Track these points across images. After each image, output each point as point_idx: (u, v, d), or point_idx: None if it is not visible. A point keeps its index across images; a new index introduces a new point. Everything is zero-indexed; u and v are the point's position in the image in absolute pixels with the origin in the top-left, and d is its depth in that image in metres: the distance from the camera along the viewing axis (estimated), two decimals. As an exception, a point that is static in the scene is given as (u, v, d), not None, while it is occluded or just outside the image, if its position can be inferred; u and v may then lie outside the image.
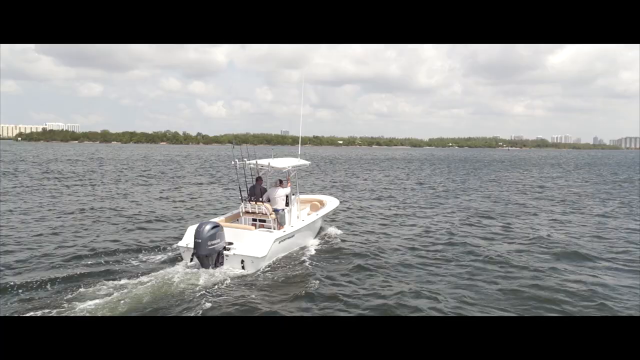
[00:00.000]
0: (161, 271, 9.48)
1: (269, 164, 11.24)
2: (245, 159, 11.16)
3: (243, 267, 9.78)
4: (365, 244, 12.74)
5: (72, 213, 16.83)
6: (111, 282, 8.78)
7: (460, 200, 23.15)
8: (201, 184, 30.97)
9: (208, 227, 9.61)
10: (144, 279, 8.95)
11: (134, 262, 10.25)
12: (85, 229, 13.96)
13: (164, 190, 26.22)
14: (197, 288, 8.60)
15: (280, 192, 11.39)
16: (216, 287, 8.68)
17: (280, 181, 11.85)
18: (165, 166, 50.82)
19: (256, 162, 11.20)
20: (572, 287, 9.17)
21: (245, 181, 11.57)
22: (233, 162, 11.30)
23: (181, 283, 8.82)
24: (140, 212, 17.65)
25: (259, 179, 11.78)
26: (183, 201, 21.58)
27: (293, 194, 11.88)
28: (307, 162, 12.93)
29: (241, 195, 11.56)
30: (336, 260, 10.95)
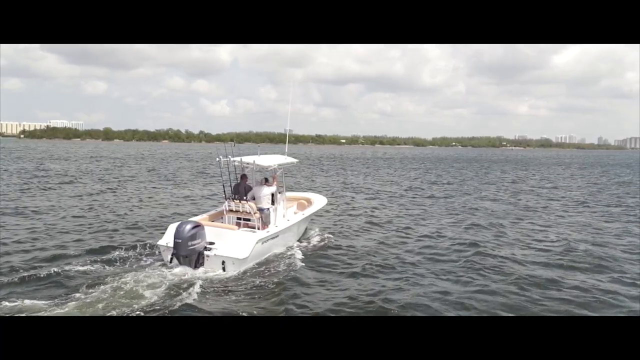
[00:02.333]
0: (139, 271, 9.21)
1: (254, 161, 10.90)
2: (229, 156, 10.83)
3: (224, 269, 9.47)
4: (352, 244, 12.41)
5: (51, 211, 16.43)
6: (88, 281, 8.51)
7: (456, 202, 22.73)
8: (189, 180, 30.63)
9: (188, 226, 9.34)
10: (121, 278, 8.69)
11: (112, 261, 9.96)
12: (65, 228, 13.60)
13: (151, 187, 25.94)
14: (175, 289, 8.31)
15: (266, 191, 11.05)
16: (195, 288, 8.35)
17: (266, 179, 11.51)
18: (159, 164, 50.61)
19: (241, 159, 10.86)
20: (571, 290, 8.89)
21: (230, 179, 11.24)
22: (217, 159, 10.99)
23: (159, 283, 8.55)
24: (124, 209, 17.35)
25: (243, 177, 11.47)
26: (168, 198, 21.34)
27: (279, 193, 11.53)
28: (295, 160, 12.59)
29: (225, 193, 11.23)
30: (322, 262, 10.64)
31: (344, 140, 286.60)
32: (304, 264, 10.21)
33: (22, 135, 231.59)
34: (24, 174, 32.11)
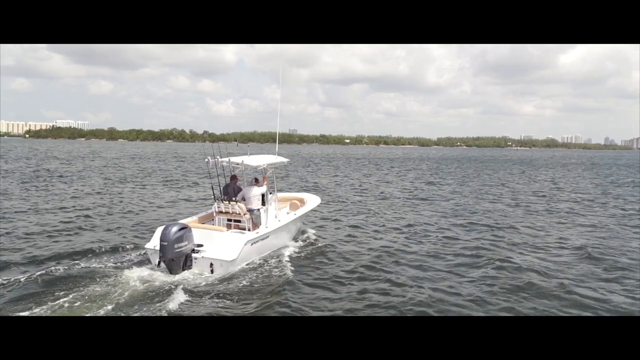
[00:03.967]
0: (126, 274, 9.00)
1: (242, 161, 10.67)
2: (218, 157, 10.61)
3: (212, 271, 9.27)
4: (346, 245, 12.19)
5: (38, 212, 16.19)
6: (74, 284, 8.34)
7: (456, 203, 22.36)
8: (183, 181, 30.39)
9: (175, 228, 9.16)
10: (107, 281, 8.55)
11: (100, 264, 9.74)
12: (52, 229, 13.36)
13: (144, 188, 25.68)
14: (162, 293, 8.15)
15: (256, 191, 10.82)
16: (181, 291, 8.16)
17: (256, 180, 11.27)
18: (156, 164, 50.45)
19: (229, 159, 10.64)
20: (574, 293, 8.65)
21: (218, 180, 11.02)
22: (206, 160, 10.77)
23: (146, 287, 8.41)
24: (114, 210, 17.15)
25: (233, 177, 11.28)
26: (161, 199, 21.09)
27: (270, 193, 11.29)
28: (285, 160, 12.34)
29: (214, 194, 11.01)
30: (314, 263, 10.44)
31: (348, 140, 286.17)
32: (295, 265, 10.03)
33: (27, 135, 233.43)
34: (19, 175, 31.96)
